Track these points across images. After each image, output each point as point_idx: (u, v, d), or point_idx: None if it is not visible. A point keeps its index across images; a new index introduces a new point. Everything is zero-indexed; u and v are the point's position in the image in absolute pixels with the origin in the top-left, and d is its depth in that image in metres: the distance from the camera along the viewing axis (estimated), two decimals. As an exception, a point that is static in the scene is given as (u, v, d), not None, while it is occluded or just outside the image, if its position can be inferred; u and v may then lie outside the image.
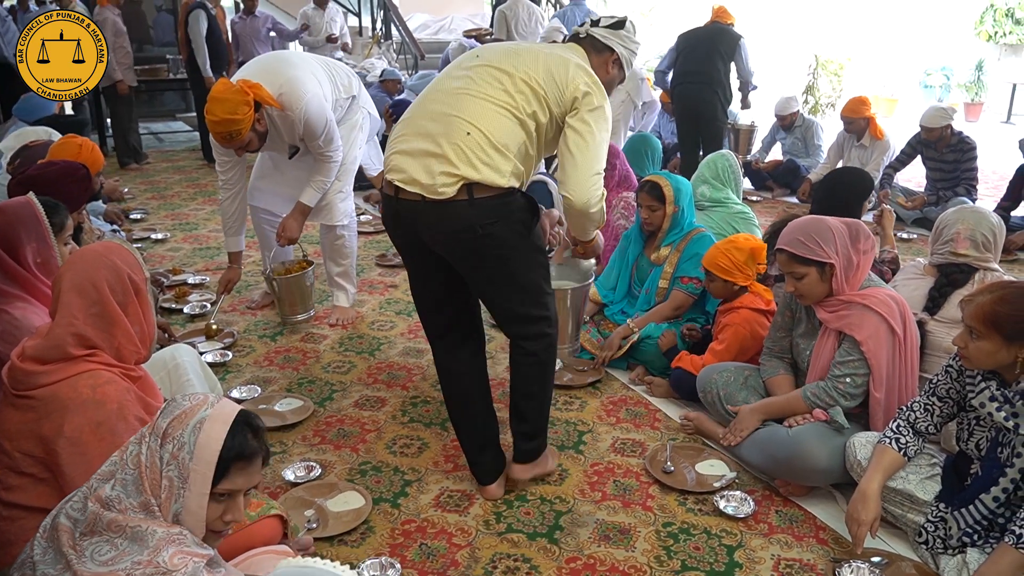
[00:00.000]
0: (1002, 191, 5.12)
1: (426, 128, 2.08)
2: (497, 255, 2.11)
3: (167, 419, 1.34)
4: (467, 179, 2.00)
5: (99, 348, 1.75)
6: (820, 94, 9.81)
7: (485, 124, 2.04)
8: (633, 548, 2.13)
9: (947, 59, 13.58)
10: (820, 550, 2.13)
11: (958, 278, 2.49)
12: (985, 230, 2.48)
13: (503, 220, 2.07)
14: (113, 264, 1.80)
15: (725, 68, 5.49)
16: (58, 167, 2.96)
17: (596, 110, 2.12)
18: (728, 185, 3.80)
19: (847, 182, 3.19)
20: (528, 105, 2.08)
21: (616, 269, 3.39)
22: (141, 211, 5.66)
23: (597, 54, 2.25)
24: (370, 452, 2.60)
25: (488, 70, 2.11)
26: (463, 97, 2.08)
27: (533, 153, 2.15)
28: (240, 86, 2.97)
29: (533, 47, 2.24)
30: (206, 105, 2.94)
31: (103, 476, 1.36)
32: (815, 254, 2.24)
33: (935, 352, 2.46)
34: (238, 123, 2.92)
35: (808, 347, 2.42)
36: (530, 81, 2.08)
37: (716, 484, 2.40)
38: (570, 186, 2.13)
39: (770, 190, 6.42)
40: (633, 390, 3.05)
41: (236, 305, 3.92)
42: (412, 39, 9.06)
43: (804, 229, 2.28)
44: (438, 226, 2.08)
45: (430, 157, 2.04)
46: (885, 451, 2.09)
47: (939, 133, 5.20)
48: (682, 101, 5.65)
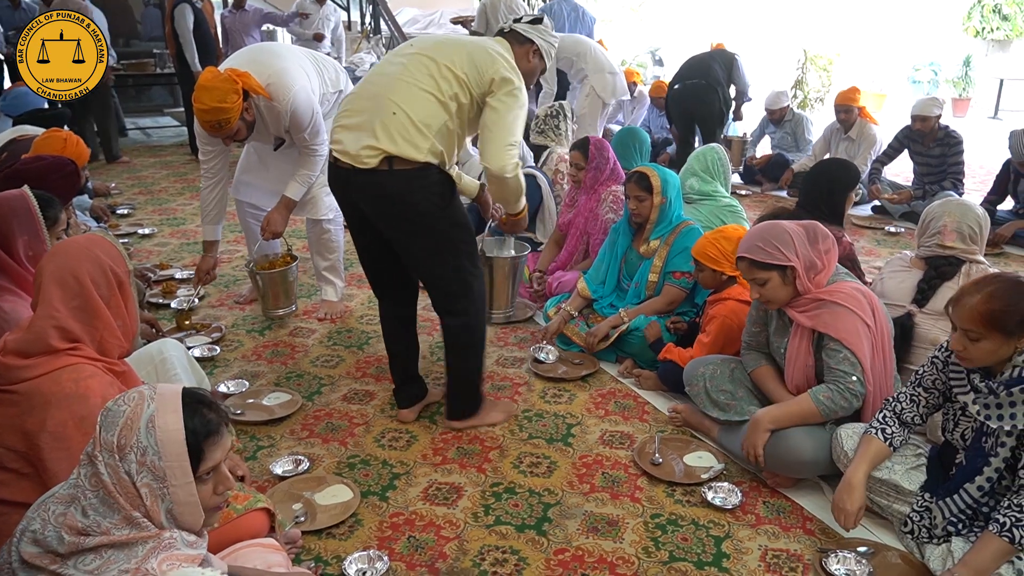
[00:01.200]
0: (989, 185, 5.16)
1: (362, 106, 2.41)
2: (416, 222, 2.41)
3: (113, 432, 1.26)
4: (387, 152, 2.31)
5: (81, 341, 1.74)
6: (809, 89, 9.84)
7: (409, 105, 2.33)
8: (621, 539, 2.13)
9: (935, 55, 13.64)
10: (807, 540, 2.14)
11: (947, 270, 2.50)
12: (971, 222, 2.49)
13: (419, 191, 2.36)
14: (95, 256, 1.78)
15: (723, 74, 5.83)
16: (46, 162, 2.94)
17: (511, 92, 2.39)
18: (717, 178, 3.80)
19: (832, 173, 3.19)
20: (450, 88, 2.36)
21: (605, 263, 3.39)
22: (128, 206, 5.62)
23: (519, 45, 2.53)
24: (358, 446, 2.59)
25: (419, 58, 2.41)
26: (395, 81, 2.38)
27: (455, 130, 2.42)
28: (228, 75, 2.93)
29: (461, 39, 2.55)
30: (194, 93, 2.91)
31: (63, 500, 1.28)
32: (774, 258, 2.24)
33: (922, 344, 2.47)
34: (227, 112, 2.90)
35: (781, 344, 2.41)
36: (453, 67, 2.37)
37: (704, 476, 2.40)
38: (488, 155, 2.41)
39: (759, 184, 6.44)
40: (622, 383, 3.05)
41: (224, 300, 3.91)
42: (401, 33, 9.02)
43: (761, 235, 2.28)
44: (364, 191, 2.41)
45: (361, 131, 2.36)
46: (871, 441, 2.10)
47: (931, 123, 5.22)
48: (681, 102, 5.88)
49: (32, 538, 1.27)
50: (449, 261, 2.48)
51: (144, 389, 1.31)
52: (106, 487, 1.25)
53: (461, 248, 2.49)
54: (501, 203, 2.68)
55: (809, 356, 2.32)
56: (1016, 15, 12.55)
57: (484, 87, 2.38)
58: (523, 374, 3.13)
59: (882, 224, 5.38)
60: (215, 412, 1.35)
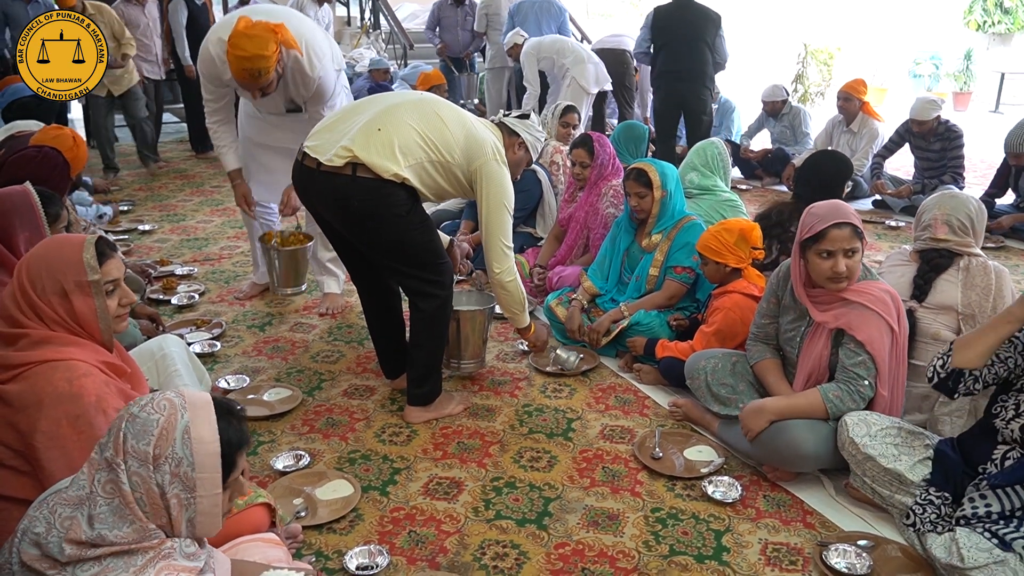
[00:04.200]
0: (990, 179, 5.16)
1: (351, 118, 2.51)
2: (373, 229, 2.48)
3: (146, 441, 1.24)
4: (356, 157, 2.38)
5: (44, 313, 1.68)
6: (809, 83, 9.82)
7: (396, 132, 2.43)
8: (622, 533, 2.14)
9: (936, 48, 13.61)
10: (807, 534, 2.14)
11: (940, 263, 2.50)
12: (961, 215, 2.48)
13: (377, 203, 2.44)
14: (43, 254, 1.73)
15: (712, 59, 5.43)
16: (35, 154, 2.95)
17: (491, 181, 2.54)
18: (717, 173, 3.80)
19: (826, 166, 3.20)
20: (442, 144, 2.48)
21: (607, 257, 3.39)
22: (128, 202, 5.62)
23: (508, 136, 2.69)
24: (359, 441, 2.60)
25: (422, 103, 2.55)
26: (388, 109, 2.50)
27: (427, 177, 2.50)
28: (266, 24, 2.81)
29: (466, 116, 2.62)
30: (231, 39, 2.77)
31: (70, 502, 1.26)
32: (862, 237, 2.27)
33: (923, 338, 2.47)
34: (267, 60, 2.78)
35: (798, 334, 2.41)
36: (452, 131, 2.50)
37: (704, 470, 2.40)
38: (489, 260, 2.65)
39: (759, 178, 6.44)
40: (622, 377, 3.05)
41: (224, 296, 3.90)
42: (401, 29, 9.02)
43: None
44: (324, 192, 2.49)
45: (341, 135, 2.45)
46: None
47: (929, 125, 5.22)
48: (671, 97, 5.53)
49: (34, 540, 1.26)
50: (413, 258, 2.56)
51: (174, 398, 1.30)
52: (124, 496, 1.23)
53: (424, 246, 2.56)
54: (507, 314, 2.83)
55: (827, 349, 2.33)
56: (1017, 9, 12.51)
57: (473, 167, 2.53)
58: (523, 369, 3.13)
59: (883, 218, 5.38)
60: (242, 424, 1.36)
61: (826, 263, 2.25)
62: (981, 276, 2.43)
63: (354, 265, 2.81)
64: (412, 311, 2.65)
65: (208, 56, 3.05)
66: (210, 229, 5.09)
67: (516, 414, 2.77)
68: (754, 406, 2.35)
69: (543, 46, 6.17)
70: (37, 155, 2.97)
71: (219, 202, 5.76)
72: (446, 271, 2.63)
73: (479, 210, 2.61)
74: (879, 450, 2.13)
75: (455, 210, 4.65)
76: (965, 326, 2.40)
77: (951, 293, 2.44)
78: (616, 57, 6.53)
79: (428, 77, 6.04)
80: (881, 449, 2.13)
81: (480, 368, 3.03)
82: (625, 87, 6.76)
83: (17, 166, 2.87)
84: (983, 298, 2.40)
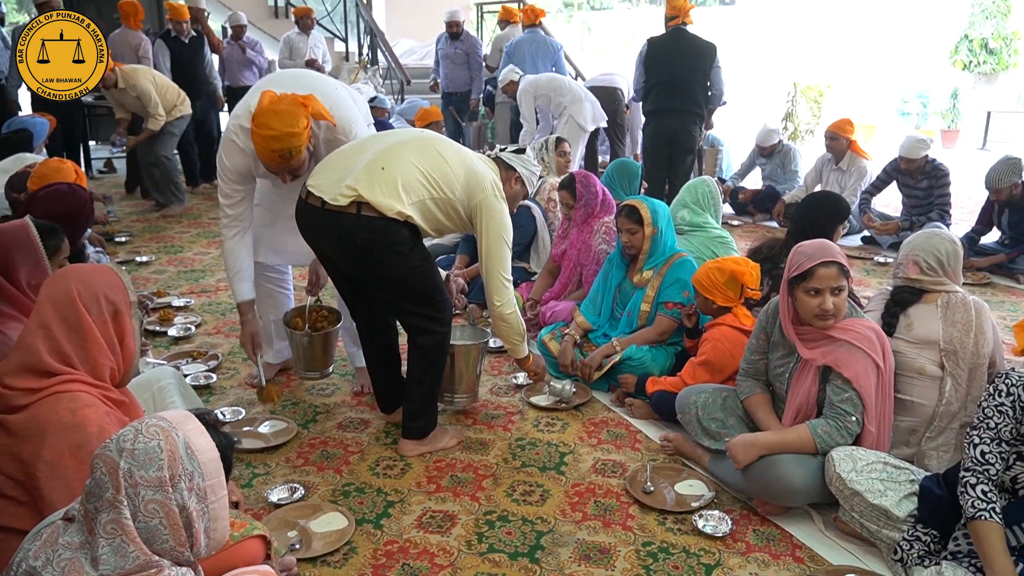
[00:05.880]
0: (976, 216, 5.25)
1: (353, 156, 2.54)
2: (376, 266, 2.52)
3: (156, 468, 1.27)
4: (361, 197, 2.41)
5: (72, 362, 1.74)
6: (799, 120, 9.98)
7: (399, 170, 2.47)
8: (613, 567, 2.16)
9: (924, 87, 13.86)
10: (797, 568, 2.16)
11: (905, 298, 2.57)
12: (930, 256, 2.55)
13: (381, 241, 2.47)
14: (90, 281, 1.81)
15: (704, 94, 5.37)
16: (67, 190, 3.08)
17: (490, 216, 2.58)
18: (708, 210, 3.87)
19: (823, 206, 3.26)
20: (443, 181, 2.53)
21: (600, 293, 3.44)
22: (126, 234, 5.67)
23: (505, 171, 2.75)
24: (353, 473, 2.62)
25: (423, 140, 2.60)
26: (391, 147, 2.54)
27: (430, 212, 2.54)
28: (294, 97, 2.59)
29: (465, 153, 2.67)
30: (256, 119, 2.54)
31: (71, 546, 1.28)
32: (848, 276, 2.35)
33: (909, 373, 2.50)
34: (298, 137, 2.54)
35: (787, 370, 2.46)
36: (452, 167, 2.55)
37: (695, 504, 2.43)
38: (488, 293, 2.68)
39: (751, 215, 6.53)
40: (614, 411, 3.09)
41: (220, 327, 3.94)
42: (398, 64, 9.16)
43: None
44: (328, 230, 2.52)
45: (344, 174, 2.47)
46: (995, 530, 1.85)
47: (918, 163, 5.33)
48: (662, 131, 5.40)
49: (29, 572, 1.28)
50: (414, 295, 2.59)
51: (158, 422, 1.33)
52: (127, 533, 1.26)
53: (426, 282, 2.60)
54: (507, 346, 2.86)
55: (815, 386, 2.38)
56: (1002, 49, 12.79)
57: (474, 203, 2.58)
58: (516, 403, 3.16)
59: (871, 254, 5.46)
60: (219, 425, 1.44)
61: (814, 300, 2.30)
62: (961, 312, 2.48)
63: (354, 301, 2.82)
64: (411, 347, 2.68)
65: (232, 148, 2.77)
66: (207, 261, 5.14)
67: (509, 448, 2.80)
68: (745, 440, 2.38)
69: (540, 84, 6.30)
70: (68, 191, 3.08)
71: (216, 234, 5.81)
72: (446, 308, 2.67)
73: (479, 244, 2.64)
74: (865, 485, 2.16)
75: (450, 244, 4.71)
76: (947, 361, 2.45)
77: (933, 328, 2.49)
78: (608, 95, 6.65)
79: (427, 113, 6.14)
80: (867, 484, 2.16)
81: (473, 403, 3.06)
82: (617, 124, 6.89)
83: (49, 201, 2.98)
84: (964, 334, 2.46)
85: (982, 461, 1.89)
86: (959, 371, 2.45)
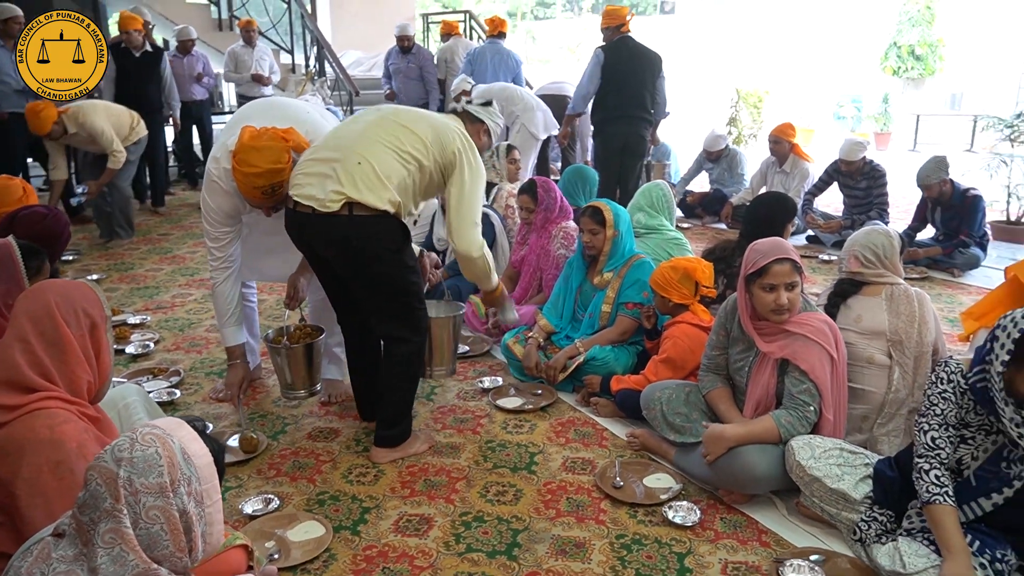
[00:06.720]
0: (912, 214, 5.51)
1: (327, 156, 2.54)
2: (369, 265, 2.55)
3: (157, 474, 1.28)
4: (350, 197, 2.44)
5: (53, 377, 1.74)
6: (742, 125, 10.28)
7: (374, 158, 2.49)
8: (589, 560, 2.22)
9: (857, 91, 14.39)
10: (763, 552, 2.26)
11: (846, 289, 2.74)
12: (867, 250, 2.72)
13: (374, 237, 2.50)
14: (68, 294, 1.81)
15: (652, 101, 5.51)
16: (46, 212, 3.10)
17: (471, 166, 2.61)
18: (662, 212, 3.99)
19: (772, 207, 3.40)
20: (413, 150, 2.54)
21: (561, 296, 3.52)
22: (73, 251, 5.54)
23: (471, 124, 2.77)
24: (327, 482, 2.63)
25: (386, 120, 2.60)
26: (361, 136, 2.55)
27: (412, 187, 2.58)
28: (273, 132, 2.62)
29: (422, 111, 2.72)
30: (237, 155, 2.56)
31: (65, 559, 1.27)
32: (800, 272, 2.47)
33: (859, 363, 2.64)
34: (282, 172, 2.57)
35: (746, 364, 2.57)
36: (417, 132, 2.56)
37: (664, 496, 2.51)
38: (454, 236, 2.65)
39: (700, 218, 6.71)
40: (580, 411, 3.16)
41: (179, 344, 3.89)
42: (346, 76, 9.13)
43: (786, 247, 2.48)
44: (323, 234, 2.53)
45: (326, 179, 2.48)
46: (949, 512, 1.94)
47: (857, 165, 5.58)
48: (615, 138, 5.49)
49: None
50: (399, 298, 2.63)
51: (152, 430, 1.34)
52: (127, 541, 1.26)
53: (409, 288, 2.64)
54: (474, 281, 2.88)
55: (773, 378, 2.49)
56: (928, 55, 13.37)
57: (447, 158, 2.59)
58: (484, 407, 3.21)
59: (816, 252, 5.67)
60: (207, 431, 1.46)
61: (769, 296, 2.42)
62: (905, 304, 2.63)
63: (343, 309, 2.84)
64: (385, 356, 2.73)
65: (216, 190, 2.78)
66: (160, 277, 5.06)
67: (480, 450, 2.84)
68: (715, 432, 2.47)
69: (492, 93, 6.37)
70: (48, 213, 3.10)
71: (168, 250, 5.73)
72: (423, 319, 2.72)
73: (449, 190, 2.61)
74: (824, 471, 2.27)
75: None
76: (894, 351, 2.59)
77: (880, 319, 2.63)
78: (558, 103, 6.76)
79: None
80: (825, 470, 2.27)
81: (452, 374, 3.13)
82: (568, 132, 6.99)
83: (31, 222, 3.01)
84: (908, 325, 2.60)
85: (933, 447, 2.01)
86: (905, 360, 2.59)
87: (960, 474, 2.04)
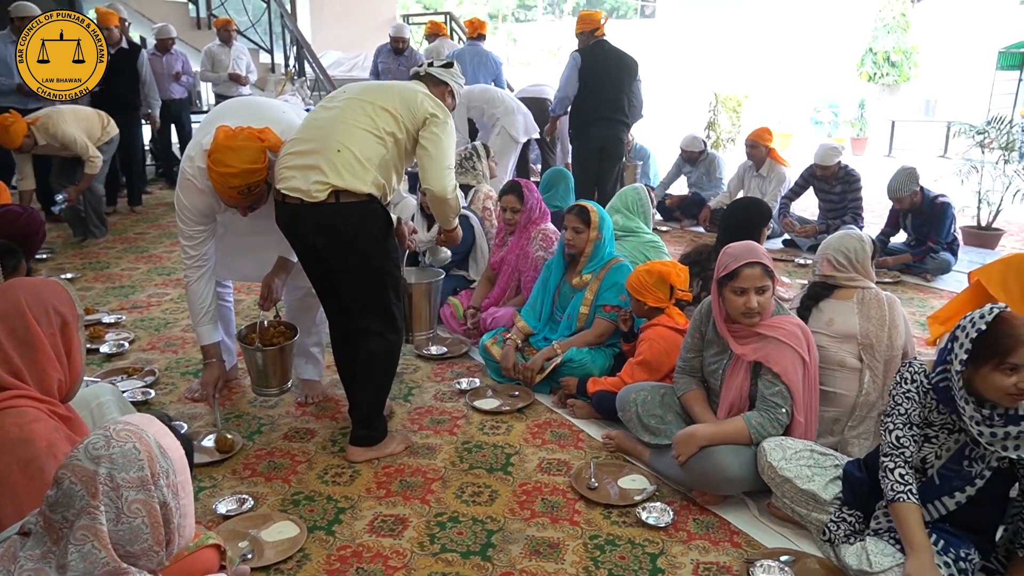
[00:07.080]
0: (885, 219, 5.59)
1: (307, 147, 2.56)
2: (356, 251, 2.58)
3: (138, 468, 1.28)
4: (335, 186, 2.48)
5: (23, 375, 1.72)
6: (721, 129, 10.37)
7: (352, 142, 2.53)
8: (563, 561, 2.23)
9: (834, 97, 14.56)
10: (735, 552, 2.29)
11: (818, 292, 2.79)
12: (839, 254, 2.77)
13: (361, 222, 2.55)
14: (38, 293, 1.79)
15: (629, 103, 5.58)
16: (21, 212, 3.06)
17: (441, 125, 2.65)
18: (639, 216, 4.02)
19: (748, 211, 3.45)
20: (387, 126, 2.58)
21: (539, 297, 3.54)
22: (47, 250, 5.48)
23: (435, 87, 2.80)
24: (302, 482, 2.62)
25: (354, 102, 2.61)
26: (335, 123, 2.57)
27: (392, 162, 2.62)
28: (248, 132, 2.64)
29: (389, 83, 2.78)
30: (213, 155, 2.57)
31: (33, 558, 1.26)
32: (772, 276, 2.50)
33: (831, 366, 2.68)
34: (259, 172, 2.59)
35: (720, 366, 2.60)
36: (388, 107, 2.59)
37: (637, 497, 2.53)
38: (429, 179, 2.67)
39: (679, 221, 6.76)
40: (557, 412, 3.18)
41: (155, 343, 3.86)
42: (326, 76, 9.10)
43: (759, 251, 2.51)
44: (312, 223, 2.55)
45: (309, 169, 2.52)
46: (913, 510, 1.98)
47: (832, 170, 5.65)
48: (593, 140, 5.55)
49: None
50: (379, 290, 2.66)
51: (126, 425, 1.34)
52: (100, 538, 1.25)
53: (389, 280, 2.68)
54: (441, 221, 2.95)
55: (746, 380, 2.52)
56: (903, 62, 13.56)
57: (417, 123, 2.63)
58: (461, 408, 3.21)
59: (792, 256, 5.73)
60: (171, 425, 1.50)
61: (740, 299, 2.45)
62: (876, 308, 2.67)
63: (331, 306, 2.84)
64: (362, 353, 2.72)
65: (191, 189, 2.78)
66: (136, 276, 5.02)
67: (456, 451, 2.85)
68: (686, 433, 2.50)
69: (473, 95, 6.38)
70: (23, 213, 3.07)
71: (144, 249, 5.68)
72: (400, 316, 2.75)
73: (422, 145, 2.62)
74: (794, 472, 2.30)
75: None
76: (865, 354, 2.63)
77: (851, 323, 2.67)
78: (538, 105, 6.78)
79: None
80: (796, 471, 2.31)
81: (430, 340, 3.16)
82: None
83: (6, 221, 3.00)
84: (879, 328, 2.64)
85: (898, 445, 2.05)
86: (876, 363, 2.63)
87: (924, 473, 2.08)
